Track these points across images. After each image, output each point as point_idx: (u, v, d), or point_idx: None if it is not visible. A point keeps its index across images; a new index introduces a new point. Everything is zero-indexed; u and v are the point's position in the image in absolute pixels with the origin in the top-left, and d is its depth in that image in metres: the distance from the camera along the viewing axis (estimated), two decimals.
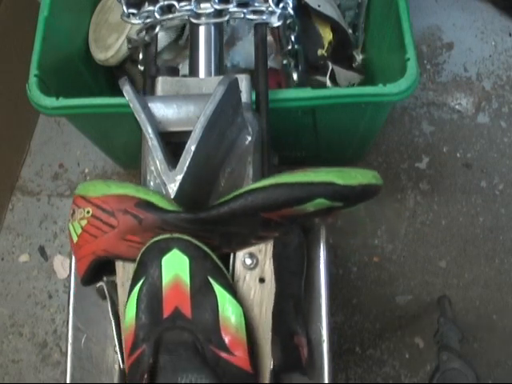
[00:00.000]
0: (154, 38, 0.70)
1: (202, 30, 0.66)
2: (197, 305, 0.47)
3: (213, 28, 0.66)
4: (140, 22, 0.69)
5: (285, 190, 0.49)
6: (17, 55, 1.03)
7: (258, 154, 0.58)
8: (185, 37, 0.96)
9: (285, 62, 0.92)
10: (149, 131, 0.50)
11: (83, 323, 0.57)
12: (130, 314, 0.48)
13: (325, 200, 0.49)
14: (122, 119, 0.75)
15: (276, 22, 0.68)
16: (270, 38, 0.94)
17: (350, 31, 1.06)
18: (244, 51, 0.96)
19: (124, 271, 0.53)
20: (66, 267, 1.15)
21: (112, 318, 0.54)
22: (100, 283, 0.55)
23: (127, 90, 0.51)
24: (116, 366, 0.55)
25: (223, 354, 0.46)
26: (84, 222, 0.51)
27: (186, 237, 0.49)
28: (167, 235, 0.49)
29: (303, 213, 0.50)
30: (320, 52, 1.00)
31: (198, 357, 0.46)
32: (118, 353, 0.54)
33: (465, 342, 0.98)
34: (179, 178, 0.47)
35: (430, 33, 1.30)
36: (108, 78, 1.11)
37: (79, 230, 0.52)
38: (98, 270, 0.53)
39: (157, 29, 0.69)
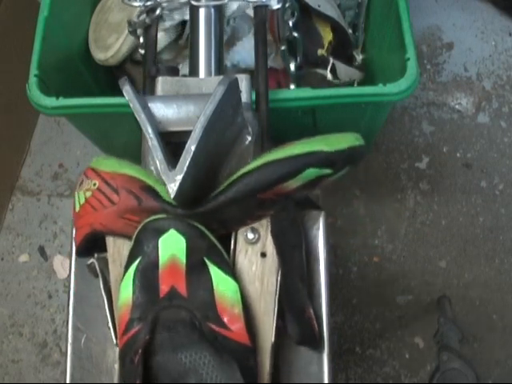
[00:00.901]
0: (155, 20, 0.70)
1: (202, 12, 0.66)
2: (192, 283, 0.47)
3: (213, 11, 0.66)
4: (141, 4, 0.69)
5: (276, 166, 0.50)
6: (17, 55, 1.03)
7: (258, 153, 0.58)
8: (185, 36, 0.96)
9: (283, 47, 0.91)
10: (149, 131, 0.50)
11: (83, 323, 0.57)
12: (125, 293, 0.48)
13: (314, 169, 0.50)
14: (122, 119, 0.75)
15: (275, 5, 0.68)
16: (269, 37, 0.94)
17: (350, 31, 1.06)
18: (244, 51, 0.96)
19: (115, 247, 0.53)
20: (65, 267, 1.15)
21: (104, 295, 0.54)
22: (91, 260, 0.55)
23: (127, 90, 0.51)
24: (116, 366, 0.55)
25: (220, 330, 0.46)
26: (89, 194, 0.52)
27: None
28: (164, 215, 0.49)
29: (294, 187, 0.50)
30: (320, 52, 1.00)
31: (196, 333, 0.46)
32: (111, 328, 0.54)
33: (465, 342, 0.98)
34: (179, 177, 0.47)
35: (430, 33, 1.30)
36: (108, 78, 1.10)
37: (83, 201, 0.52)
38: (93, 245, 0.54)
39: (157, 11, 0.69)
